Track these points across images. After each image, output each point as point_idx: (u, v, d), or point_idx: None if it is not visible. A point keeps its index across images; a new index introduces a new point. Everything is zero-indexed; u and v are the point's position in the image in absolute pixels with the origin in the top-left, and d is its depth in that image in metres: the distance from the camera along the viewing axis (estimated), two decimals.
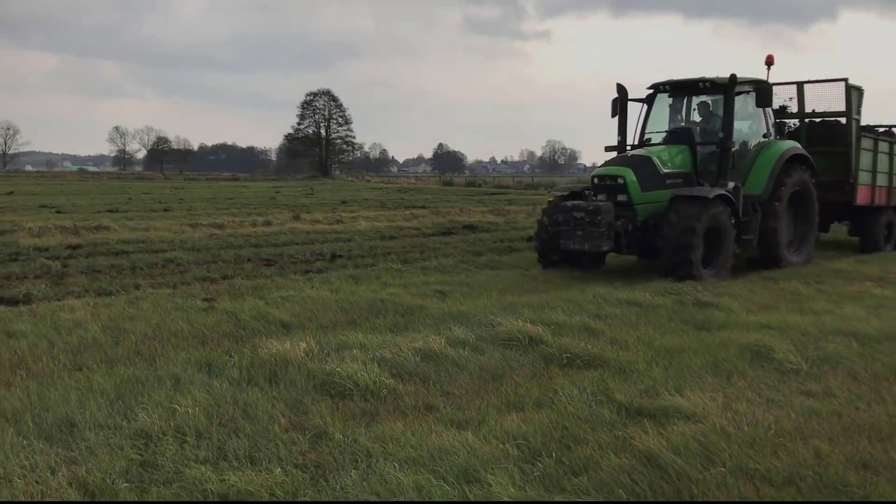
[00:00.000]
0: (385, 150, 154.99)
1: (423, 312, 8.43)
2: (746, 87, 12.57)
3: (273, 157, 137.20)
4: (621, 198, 11.48)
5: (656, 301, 9.10)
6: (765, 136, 13.10)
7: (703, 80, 12.51)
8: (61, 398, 5.09)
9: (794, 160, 12.96)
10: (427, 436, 4.48)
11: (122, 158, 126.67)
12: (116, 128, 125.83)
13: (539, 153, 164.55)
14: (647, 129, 13.12)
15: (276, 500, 3.62)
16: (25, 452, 4.19)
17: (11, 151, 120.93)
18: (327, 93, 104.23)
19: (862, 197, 15.29)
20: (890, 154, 16.28)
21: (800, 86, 15.24)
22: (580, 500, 3.66)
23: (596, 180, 12.01)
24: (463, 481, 3.77)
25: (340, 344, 6.46)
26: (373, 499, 3.59)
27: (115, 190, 44.66)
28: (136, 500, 3.76)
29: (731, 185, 11.96)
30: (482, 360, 6.28)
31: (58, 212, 24.34)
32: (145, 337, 7.09)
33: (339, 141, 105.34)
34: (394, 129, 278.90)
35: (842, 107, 14.62)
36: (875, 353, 6.72)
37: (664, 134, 12.93)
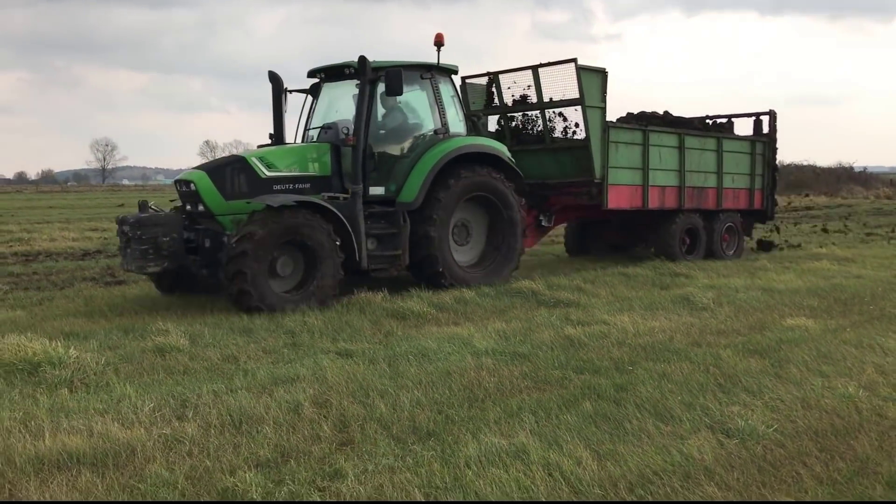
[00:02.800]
0: None
1: None
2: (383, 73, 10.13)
3: None
4: (201, 207, 9.74)
5: (642, 273, 12.23)
6: (437, 131, 10.81)
7: (349, 66, 10.58)
8: (238, 320, 8.61)
9: (476, 160, 10.91)
10: (449, 330, 7.86)
11: None
12: (207, 142, 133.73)
13: None
14: (312, 123, 11.28)
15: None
16: (229, 339, 7.70)
17: (110, 167, 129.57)
18: None
19: (618, 200, 13.02)
20: (680, 148, 14.02)
21: (535, 71, 12.75)
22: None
23: (177, 186, 10.26)
24: (462, 343, 7.14)
25: (405, 294, 9.85)
26: (413, 352, 6.93)
27: None
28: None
29: (369, 189, 10.24)
30: (496, 303, 9.63)
31: None
32: None
33: None
34: None
35: (577, 94, 12.29)
36: (769, 298, 9.78)
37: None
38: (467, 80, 13.78)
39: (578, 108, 12.42)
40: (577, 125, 12.91)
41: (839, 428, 4.89)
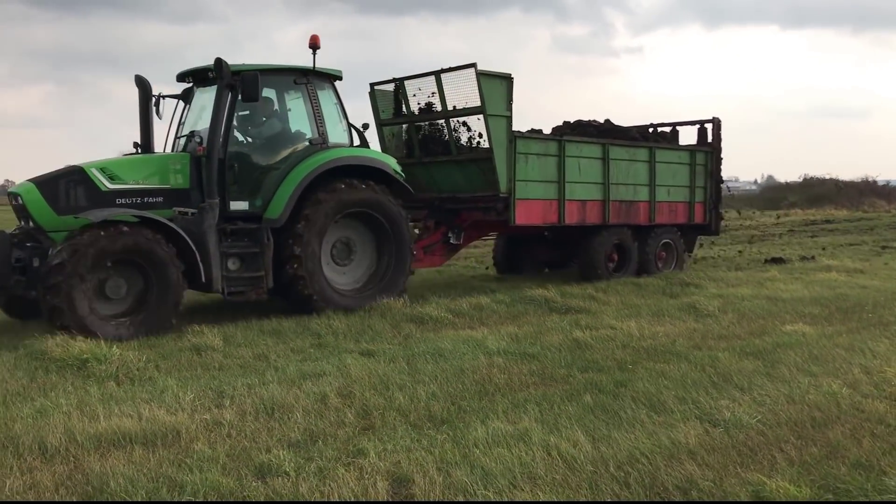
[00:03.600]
0: None
1: (484, 287, 12.35)
2: (237, 79, 9.24)
3: None
4: (32, 223, 8.93)
5: (653, 282, 12.68)
6: (313, 142, 10.01)
7: (211, 70, 9.65)
8: (267, 323, 9.18)
9: (359, 173, 10.08)
10: (464, 333, 8.38)
11: None
12: None
13: None
14: (183, 130, 10.34)
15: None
16: (259, 339, 8.27)
17: None
18: None
19: (529, 216, 12.11)
20: (604, 159, 13.05)
21: (438, 77, 11.87)
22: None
23: (9, 200, 9.59)
24: (476, 344, 7.66)
25: (423, 301, 10.38)
26: (430, 352, 7.44)
27: None
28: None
29: (230, 204, 9.48)
30: (510, 309, 10.14)
31: None
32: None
33: None
34: None
35: (478, 101, 11.39)
36: (772, 306, 10.21)
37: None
38: (376, 87, 12.94)
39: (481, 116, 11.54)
40: (481, 135, 12.04)
41: (818, 420, 5.34)
